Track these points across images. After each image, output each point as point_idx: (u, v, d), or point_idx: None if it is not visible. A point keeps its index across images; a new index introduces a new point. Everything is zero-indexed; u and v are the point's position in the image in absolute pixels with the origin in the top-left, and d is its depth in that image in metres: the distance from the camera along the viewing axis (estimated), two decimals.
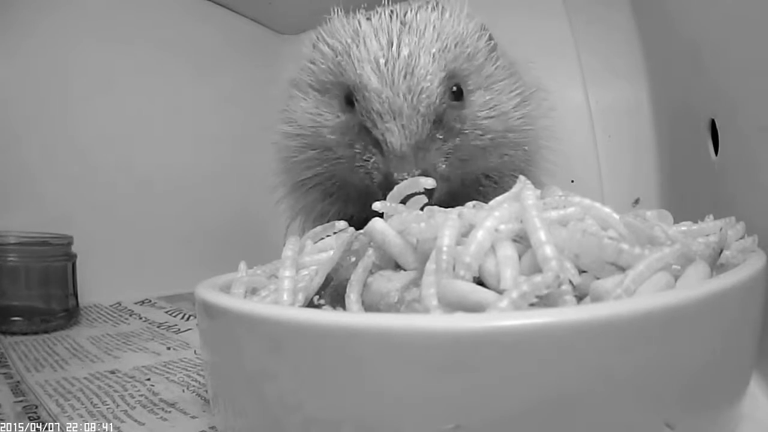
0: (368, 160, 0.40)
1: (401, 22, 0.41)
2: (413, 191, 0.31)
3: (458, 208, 0.27)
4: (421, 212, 0.28)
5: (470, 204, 0.29)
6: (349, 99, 0.41)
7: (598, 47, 0.65)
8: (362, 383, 0.20)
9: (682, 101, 0.51)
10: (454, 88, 0.41)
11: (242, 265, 0.32)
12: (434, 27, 0.41)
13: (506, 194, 0.28)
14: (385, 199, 0.32)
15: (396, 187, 0.31)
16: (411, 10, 0.43)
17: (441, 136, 0.40)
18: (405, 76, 0.38)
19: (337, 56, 0.42)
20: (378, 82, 0.38)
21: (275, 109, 0.50)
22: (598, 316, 0.19)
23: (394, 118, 0.38)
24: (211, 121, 0.82)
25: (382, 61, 0.39)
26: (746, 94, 0.36)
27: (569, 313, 0.20)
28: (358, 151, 0.41)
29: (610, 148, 0.64)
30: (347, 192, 0.45)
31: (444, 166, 0.39)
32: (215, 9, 0.87)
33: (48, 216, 0.65)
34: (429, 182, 0.31)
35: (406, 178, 0.34)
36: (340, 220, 0.48)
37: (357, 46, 0.40)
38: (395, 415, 0.20)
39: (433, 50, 0.39)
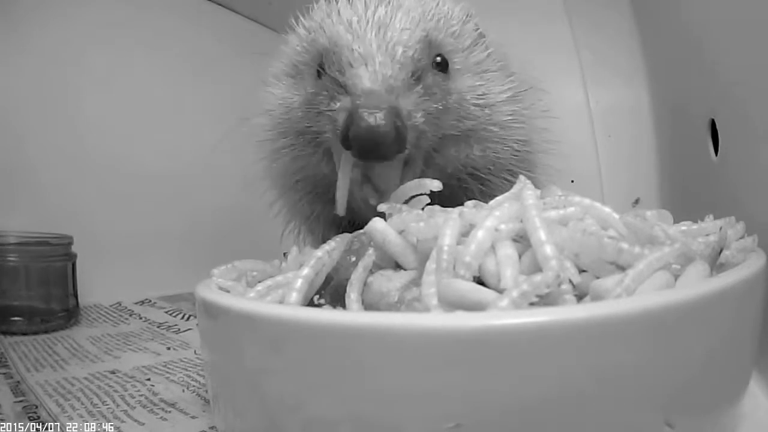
0: (333, 108, 0.35)
1: None
2: (417, 193, 0.31)
3: (459, 208, 0.27)
4: (421, 212, 0.28)
5: (470, 203, 0.29)
6: (321, 68, 0.38)
7: (598, 47, 0.65)
8: (362, 382, 0.20)
9: (682, 101, 0.51)
10: (438, 59, 0.38)
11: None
12: (413, 3, 0.38)
13: (506, 194, 0.28)
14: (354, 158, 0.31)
15: (400, 188, 0.31)
16: None
17: (421, 90, 0.35)
18: (379, 31, 0.35)
19: (310, 33, 0.40)
20: (349, 37, 0.35)
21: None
22: (597, 315, 0.19)
23: (366, 65, 0.34)
24: (211, 120, 0.82)
25: (355, 19, 0.36)
26: (746, 94, 0.37)
27: (569, 312, 0.20)
28: (324, 108, 0.36)
29: (610, 148, 0.64)
30: (330, 189, 0.44)
31: (422, 118, 0.34)
32: (215, 8, 0.87)
33: (48, 216, 0.65)
34: (435, 184, 0.31)
35: (373, 115, 0.30)
36: (329, 220, 0.47)
37: (330, 17, 0.38)
38: (396, 413, 0.20)
39: (413, 14, 0.37)
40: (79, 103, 0.71)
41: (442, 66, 0.38)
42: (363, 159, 0.31)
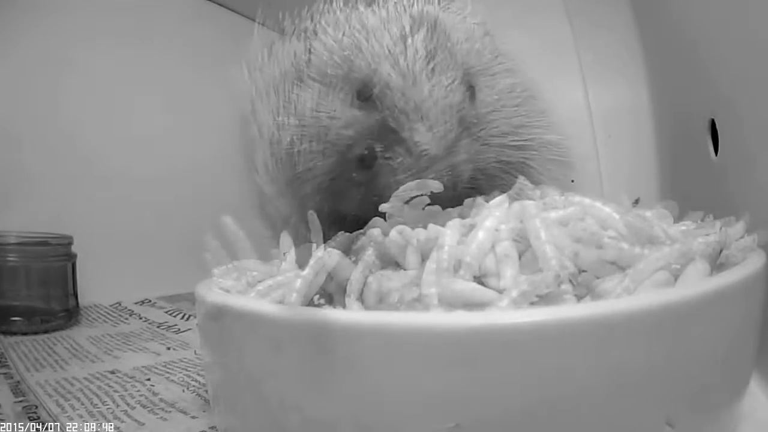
0: (392, 160, 0.37)
1: (410, 16, 0.40)
2: (419, 193, 0.31)
3: (459, 208, 0.27)
4: (422, 212, 0.28)
5: (470, 203, 0.29)
6: (362, 94, 0.39)
7: (598, 47, 0.65)
8: (362, 381, 0.20)
9: (682, 101, 0.51)
10: (468, 91, 0.39)
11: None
12: (444, 22, 0.39)
13: (506, 194, 0.28)
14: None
15: (402, 188, 0.31)
16: (416, 4, 0.41)
17: (467, 136, 0.38)
18: (425, 74, 0.37)
19: (344, 50, 0.40)
20: (399, 79, 0.37)
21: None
22: (597, 314, 0.19)
23: (422, 118, 0.36)
24: (210, 120, 0.82)
25: (397, 50, 0.37)
26: (746, 94, 0.37)
27: (569, 311, 0.20)
28: (379, 150, 0.38)
29: (610, 148, 0.64)
30: (339, 188, 0.44)
31: (470, 163, 0.37)
32: (214, 8, 0.87)
33: (48, 216, 0.65)
34: (436, 185, 0.31)
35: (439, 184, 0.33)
36: (333, 219, 0.47)
37: (367, 40, 0.39)
38: (395, 413, 0.20)
39: (448, 44, 0.38)
40: (78, 103, 0.71)
41: (471, 94, 0.39)
42: None
